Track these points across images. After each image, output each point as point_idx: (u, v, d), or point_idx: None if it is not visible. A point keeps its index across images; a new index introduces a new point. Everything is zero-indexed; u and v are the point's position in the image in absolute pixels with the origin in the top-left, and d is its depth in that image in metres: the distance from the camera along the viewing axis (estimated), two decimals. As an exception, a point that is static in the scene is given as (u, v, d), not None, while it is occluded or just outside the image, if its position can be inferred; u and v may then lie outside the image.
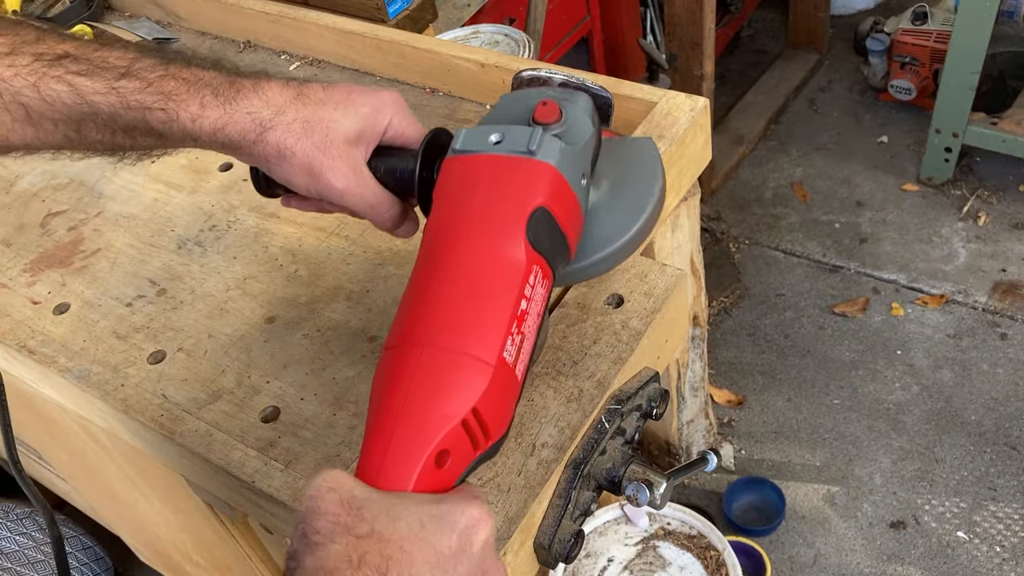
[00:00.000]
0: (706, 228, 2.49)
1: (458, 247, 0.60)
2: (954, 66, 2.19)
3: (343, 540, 0.48)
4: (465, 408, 0.55)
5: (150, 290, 0.98)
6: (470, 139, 0.64)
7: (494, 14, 1.94)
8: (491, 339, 0.57)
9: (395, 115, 0.71)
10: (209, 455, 0.80)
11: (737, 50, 3.12)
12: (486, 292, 0.58)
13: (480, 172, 0.63)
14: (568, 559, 0.75)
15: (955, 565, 1.77)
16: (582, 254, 0.67)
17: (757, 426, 2.06)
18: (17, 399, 1.11)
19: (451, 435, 0.55)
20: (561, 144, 0.63)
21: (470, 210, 0.61)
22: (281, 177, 0.69)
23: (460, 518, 0.52)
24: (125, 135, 0.67)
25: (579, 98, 0.68)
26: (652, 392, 0.81)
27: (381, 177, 0.70)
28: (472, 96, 1.16)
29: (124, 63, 0.66)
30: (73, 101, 0.64)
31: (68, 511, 1.84)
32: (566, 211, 0.63)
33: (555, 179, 0.62)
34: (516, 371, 0.59)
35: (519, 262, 0.59)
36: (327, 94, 0.69)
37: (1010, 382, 2.03)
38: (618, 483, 0.76)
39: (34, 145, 0.67)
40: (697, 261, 1.25)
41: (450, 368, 0.56)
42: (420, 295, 0.60)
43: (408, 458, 0.54)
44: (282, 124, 0.66)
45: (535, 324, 0.61)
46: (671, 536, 0.97)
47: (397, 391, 0.56)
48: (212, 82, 0.67)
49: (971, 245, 2.32)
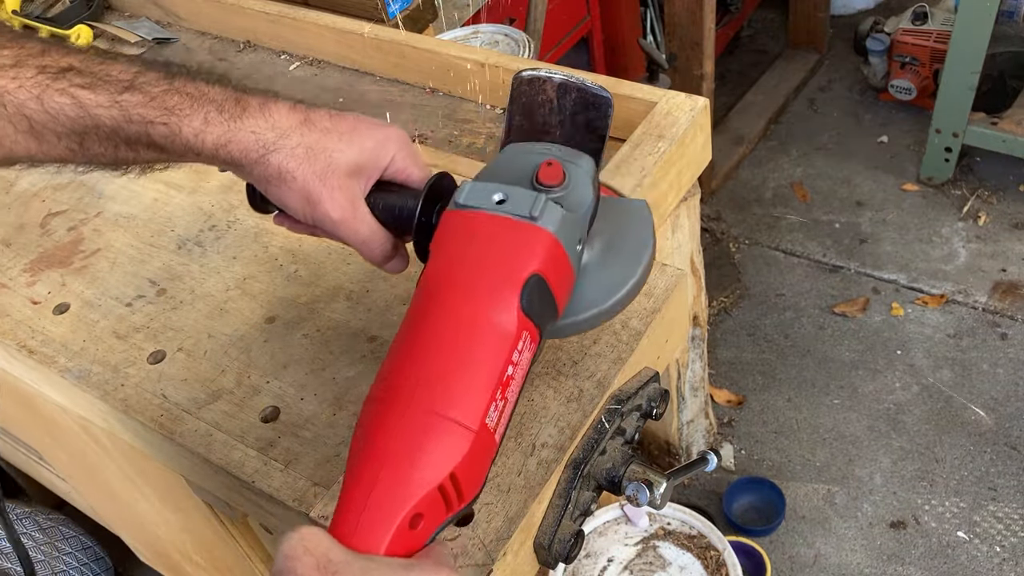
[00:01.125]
0: (706, 228, 2.49)
1: (450, 306, 0.60)
2: (954, 66, 2.19)
3: None
4: (443, 473, 0.55)
5: (150, 290, 0.98)
6: (473, 195, 0.64)
7: (494, 14, 1.94)
8: (475, 405, 0.57)
9: (398, 151, 0.71)
10: (209, 455, 0.80)
11: (737, 50, 3.12)
12: (474, 356, 0.58)
13: (479, 230, 0.63)
14: (568, 559, 0.75)
15: (955, 565, 1.77)
16: (568, 313, 0.67)
17: (757, 426, 2.06)
18: (17, 399, 1.11)
19: (426, 499, 0.55)
20: (562, 211, 0.63)
21: (466, 269, 0.61)
22: (277, 199, 0.69)
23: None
24: (128, 148, 0.67)
25: (583, 162, 0.68)
26: (652, 392, 0.81)
27: (379, 213, 0.70)
28: (472, 96, 1.16)
29: (128, 77, 0.66)
30: (76, 114, 0.64)
31: (68, 511, 1.84)
32: (560, 277, 0.63)
33: (553, 247, 0.62)
34: (496, 435, 0.59)
35: (510, 328, 0.59)
36: (333, 123, 0.69)
37: (1010, 382, 2.03)
38: (618, 483, 0.76)
39: (37, 158, 0.67)
40: (697, 261, 1.25)
41: (432, 432, 0.56)
42: (408, 350, 0.60)
43: (383, 521, 0.54)
44: (286, 148, 0.66)
45: (518, 388, 0.62)
46: (671, 536, 0.97)
47: (377, 450, 0.56)
48: (217, 98, 0.67)
49: (971, 245, 2.32)
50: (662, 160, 0.95)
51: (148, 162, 0.70)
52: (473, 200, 0.64)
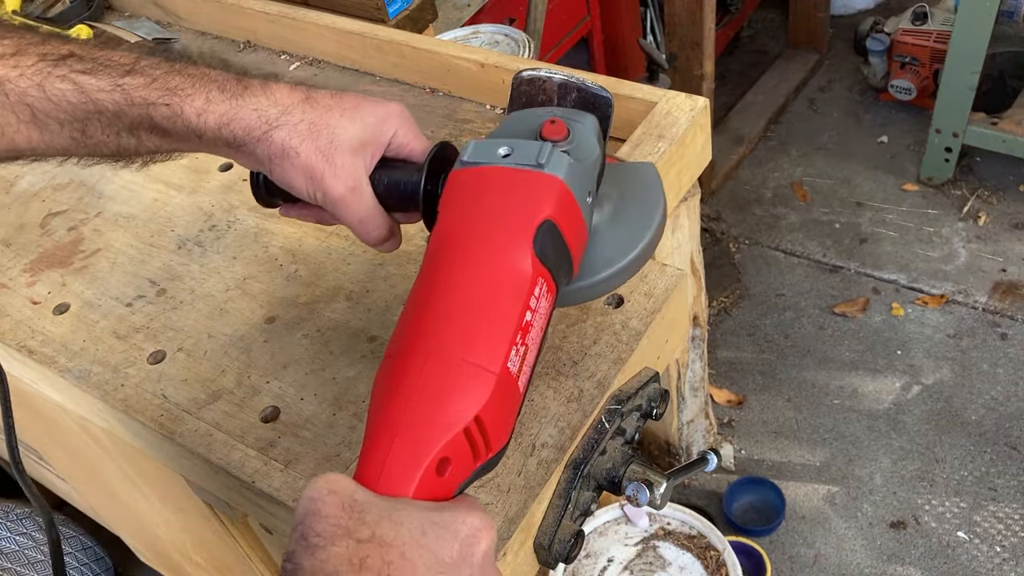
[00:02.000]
0: (706, 228, 2.49)
1: (464, 256, 0.60)
2: (954, 66, 2.19)
3: (344, 543, 0.48)
4: (468, 416, 0.55)
5: (150, 290, 0.98)
6: (478, 151, 0.64)
7: (494, 14, 1.94)
8: (496, 348, 0.57)
9: (400, 127, 0.71)
10: (209, 455, 0.80)
11: (737, 50, 3.12)
12: (492, 301, 0.58)
13: (488, 184, 0.63)
14: (568, 559, 0.75)
15: (955, 565, 1.77)
16: (583, 274, 0.67)
17: (757, 426, 2.06)
18: (17, 399, 1.11)
19: (453, 443, 0.54)
20: (570, 160, 0.63)
21: (477, 220, 0.61)
22: (282, 179, 0.69)
23: (462, 527, 0.52)
24: (130, 135, 0.67)
25: (586, 119, 0.69)
26: (652, 392, 0.81)
27: (384, 190, 0.70)
28: (472, 96, 1.16)
29: (129, 61, 0.66)
30: (78, 100, 0.64)
31: (68, 511, 1.84)
32: (572, 226, 0.63)
33: (563, 193, 0.62)
34: (519, 382, 0.59)
35: (525, 273, 0.59)
36: (335, 100, 0.69)
37: (1010, 382, 2.03)
38: (618, 483, 0.76)
39: (40, 148, 0.67)
40: (697, 261, 1.25)
41: (454, 376, 0.55)
42: (424, 303, 0.59)
43: (410, 464, 0.53)
44: (288, 124, 0.66)
45: (539, 337, 0.61)
46: (671, 536, 0.97)
47: (399, 396, 0.55)
48: (218, 79, 0.67)
49: (971, 245, 2.32)
50: (662, 160, 0.95)
51: (151, 151, 0.70)
52: (479, 156, 0.64)
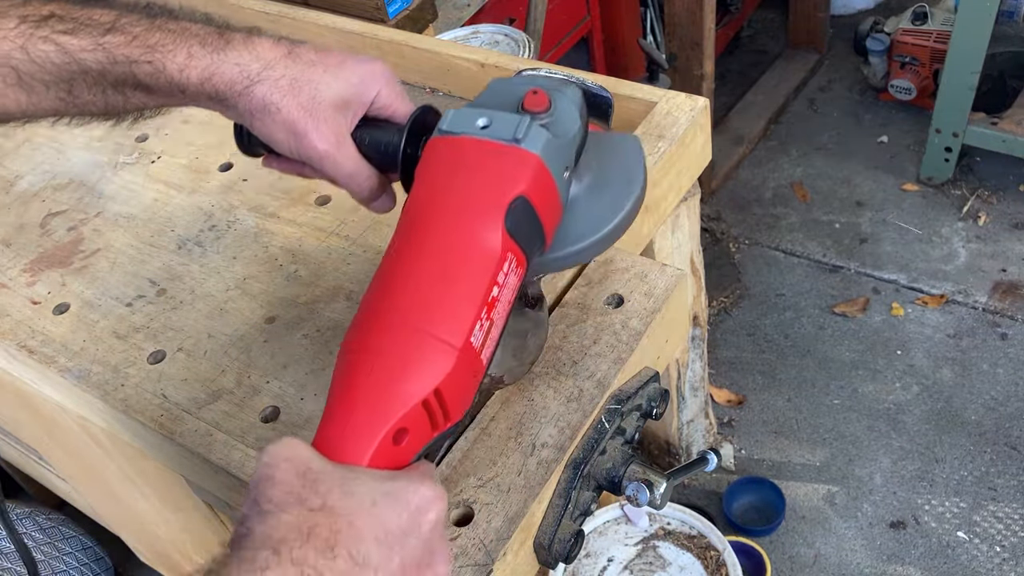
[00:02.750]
0: (706, 228, 2.49)
1: (434, 227, 0.60)
2: (954, 66, 2.19)
3: (294, 511, 0.49)
4: (427, 388, 0.55)
5: (150, 290, 0.98)
6: (457, 121, 0.64)
7: (494, 14, 1.94)
8: (460, 322, 0.57)
9: (384, 86, 0.71)
10: (209, 455, 0.80)
11: (737, 50, 3.12)
12: (459, 275, 0.58)
13: (464, 155, 0.62)
14: (568, 559, 0.75)
15: (955, 565, 1.77)
16: (557, 246, 0.67)
17: (757, 426, 2.06)
18: (17, 399, 1.11)
19: (411, 414, 0.55)
20: (547, 135, 0.63)
21: (450, 191, 0.61)
22: (263, 134, 0.68)
23: (413, 497, 0.52)
24: (116, 92, 0.67)
25: (569, 89, 0.68)
26: (652, 392, 0.81)
27: (365, 149, 0.70)
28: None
29: (109, 19, 0.66)
30: (62, 60, 0.65)
31: (68, 511, 1.84)
32: (546, 202, 0.63)
33: (538, 169, 0.61)
34: (482, 356, 0.59)
35: (494, 248, 0.59)
36: (319, 56, 0.69)
37: (1010, 382, 2.03)
38: (618, 483, 0.76)
39: (28, 111, 0.67)
40: (697, 261, 1.25)
41: (416, 347, 0.56)
42: (392, 272, 0.59)
43: (366, 433, 0.54)
44: (270, 79, 0.66)
45: (504, 311, 0.61)
46: (671, 536, 0.97)
47: (361, 365, 0.56)
48: (200, 33, 0.67)
49: (971, 245, 2.32)
50: (662, 160, 0.95)
51: (138, 108, 0.70)
52: (457, 126, 0.64)
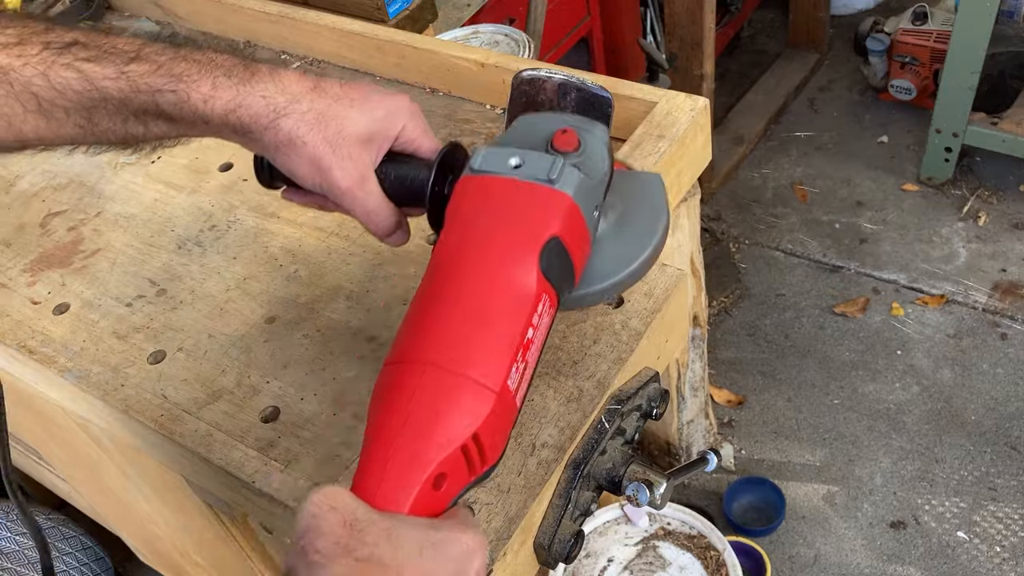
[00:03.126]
0: (706, 228, 2.49)
1: (470, 269, 0.60)
2: (954, 66, 2.19)
3: (343, 562, 0.48)
4: (466, 434, 0.55)
5: (150, 290, 0.98)
6: (489, 160, 0.64)
7: (494, 14, 1.94)
8: (497, 365, 0.57)
9: (409, 121, 0.70)
10: (209, 455, 0.80)
11: (737, 50, 3.12)
12: (495, 317, 0.58)
13: (497, 195, 0.62)
14: (568, 559, 0.75)
15: (955, 565, 1.77)
16: (584, 283, 0.67)
17: (757, 426, 2.06)
18: (17, 399, 1.11)
19: (450, 459, 0.54)
20: (580, 175, 0.63)
21: (484, 232, 0.61)
22: (286, 167, 0.68)
23: (456, 546, 0.52)
24: (137, 121, 0.67)
25: (597, 128, 0.68)
26: (652, 392, 0.81)
27: (390, 184, 0.70)
28: (472, 96, 1.16)
29: (133, 48, 0.66)
30: (83, 88, 0.64)
31: (68, 511, 1.84)
32: (577, 242, 0.63)
33: (571, 210, 0.62)
34: (517, 399, 0.59)
35: (530, 289, 0.59)
36: (344, 90, 0.68)
37: (1010, 382, 2.03)
38: (618, 483, 0.76)
39: (47, 138, 0.66)
40: (697, 261, 1.25)
41: (454, 392, 0.55)
42: (427, 313, 0.59)
43: (407, 480, 0.54)
44: (296, 112, 0.65)
45: (538, 353, 0.61)
46: (671, 536, 0.97)
47: (398, 409, 0.55)
48: (225, 64, 0.66)
49: (971, 245, 2.32)
50: (662, 160, 0.95)
51: (158, 137, 0.69)
52: (489, 165, 0.64)
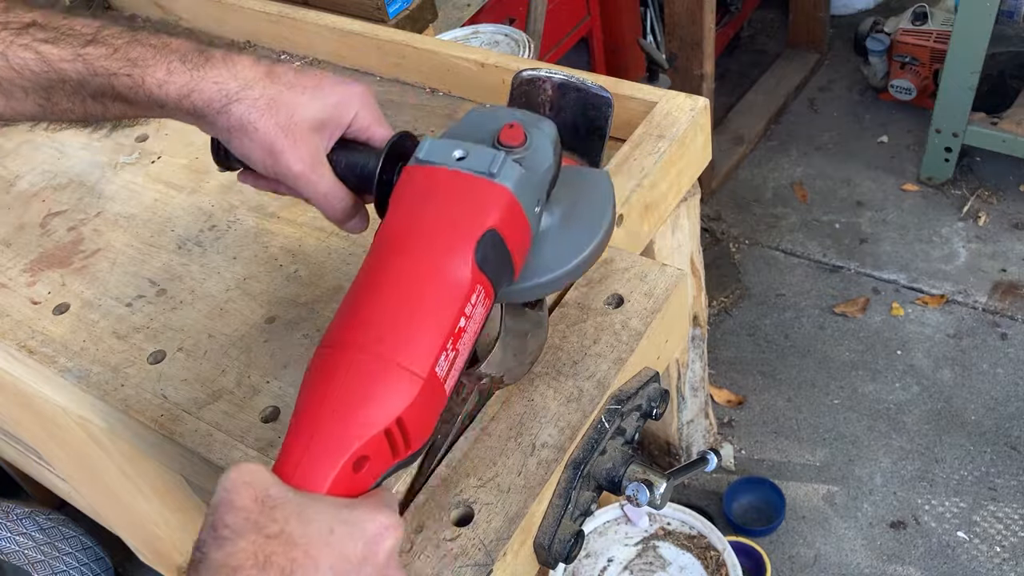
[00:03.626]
0: (706, 228, 2.49)
1: (406, 256, 0.60)
2: (954, 66, 2.19)
3: (251, 538, 0.49)
4: (390, 417, 0.55)
5: (150, 290, 0.98)
6: (434, 151, 0.65)
7: (494, 14, 1.94)
8: (425, 352, 0.57)
9: (362, 109, 0.71)
10: (209, 455, 0.80)
11: (737, 50, 3.12)
12: (428, 305, 0.59)
13: (438, 185, 0.63)
14: (568, 559, 0.75)
15: (955, 565, 1.77)
16: (525, 276, 0.67)
17: (757, 426, 2.06)
18: (17, 399, 1.11)
19: (372, 442, 0.55)
20: (521, 170, 0.63)
21: (423, 221, 0.62)
22: (240, 152, 0.69)
23: (369, 525, 0.52)
24: (94, 102, 0.68)
25: (545, 125, 0.69)
26: (652, 392, 0.81)
27: (341, 170, 0.71)
28: (472, 96, 1.16)
29: (91, 30, 0.66)
30: (41, 69, 0.65)
31: (68, 511, 1.84)
32: (516, 235, 0.63)
33: (510, 204, 0.62)
34: (446, 386, 0.60)
35: (464, 280, 0.59)
36: (297, 77, 0.69)
37: (1010, 382, 2.03)
38: (618, 483, 0.76)
39: (6, 114, 0.68)
40: (697, 261, 1.25)
41: (380, 376, 0.56)
42: (362, 298, 0.60)
43: (326, 460, 0.54)
44: (248, 99, 0.66)
45: (470, 342, 0.62)
46: (671, 536, 0.97)
47: (324, 391, 0.56)
48: (180, 48, 0.67)
49: (971, 245, 2.32)
50: (662, 160, 0.95)
51: (117, 117, 0.70)
52: (433, 156, 0.64)
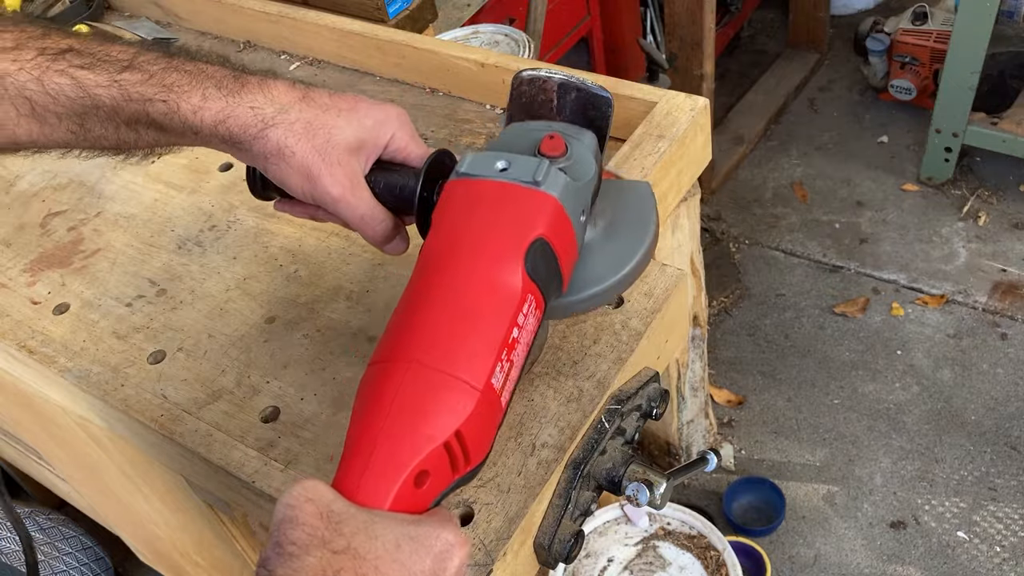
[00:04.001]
0: (706, 228, 2.49)
1: (455, 269, 0.60)
2: (954, 66, 2.19)
3: (318, 553, 0.48)
4: (449, 430, 0.55)
5: (150, 290, 0.98)
6: (476, 164, 0.64)
7: (494, 14, 1.94)
8: (481, 364, 0.57)
9: (398, 130, 0.71)
10: (209, 455, 0.80)
11: (737, 50, 3.12)
12: (480, 316, 0.58)
13: (483, 197, 0.63)
14: (568, 559, 0.75)
15: (955, 565, 1.77)
16: (572, 290, 0.67)
17: (757, 426, 2.06)
18: (17, 399, 1.11)
19: (432, 456, 0.55)
20: (566, 178, 0.63)
21: (470, 233, 0.61)
22: (277, 177, 0.68)
23: (436, 542, 0.52)
24: (128, 129, 0.67)
25: (585, 136, 0.69)
26: (652, 392, 0.81)
27: (379, 192, 0.70)
28: (472, 96, 1.16)
29: (127, 56, 0.66)
30: (76, 94, 0.65)
31: (68, 511, 1.84)
32: (564, 244, 0.63)
33: (557, 212, 0.62)
34: (502, 398, 0.59)
35: (515, 289, 0.59)
36: (333, 100, 0.69)
37: (1010, 382, 2.03)
38: (618, 483, 0.76)
39: (40, 141, 0.67)
40: (697, 261, 1.25)
41: (437, 389, 0.56)
42: (413, 313, 0.59)
43: (388, 475, 0.54)
44: (285, 123, 0.66)
45: (523, 353, 0.61)
46: (671, 536, 0.97)
47: (381, 406, 0.55)
48: (215, 75, 0.67)
49: (971, 245, 2.32)
50: (662, 160, 0.95)
51: (150, 145, 0.70)
52: (476, 169, 0.64)
